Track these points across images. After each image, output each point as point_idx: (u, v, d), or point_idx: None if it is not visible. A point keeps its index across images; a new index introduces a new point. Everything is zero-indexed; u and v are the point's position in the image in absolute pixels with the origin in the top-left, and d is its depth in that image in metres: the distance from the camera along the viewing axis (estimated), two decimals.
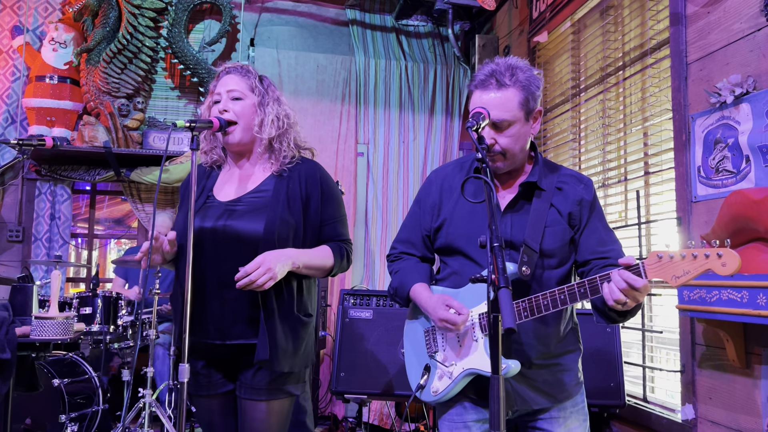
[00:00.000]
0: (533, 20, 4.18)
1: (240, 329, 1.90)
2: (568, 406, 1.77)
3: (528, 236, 1.69)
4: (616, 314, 1.63)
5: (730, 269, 1.35)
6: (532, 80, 1.71)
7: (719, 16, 2.55)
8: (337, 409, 4.57)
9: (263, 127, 1.97)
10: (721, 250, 1.36)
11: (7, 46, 4.66)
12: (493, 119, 1.65)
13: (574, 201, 1.75)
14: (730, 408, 2.40)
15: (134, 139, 4.65)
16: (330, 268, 1.98)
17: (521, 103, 1.69)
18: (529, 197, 1.76)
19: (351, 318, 3.28)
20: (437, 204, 1.87)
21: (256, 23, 4.98)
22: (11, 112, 4.59)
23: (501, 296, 1.20)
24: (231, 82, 1.98)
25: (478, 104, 1.67)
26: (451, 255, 1.84)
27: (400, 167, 4.96)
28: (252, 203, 1.95)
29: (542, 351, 1.72)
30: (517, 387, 1.71)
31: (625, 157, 3.28)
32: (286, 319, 1.91)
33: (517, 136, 1.70)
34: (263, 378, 1.90)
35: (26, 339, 2.82)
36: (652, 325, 3.01)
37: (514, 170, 1.80)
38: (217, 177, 2.06)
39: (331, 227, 2.02)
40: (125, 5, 4.58)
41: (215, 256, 1.90)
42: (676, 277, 1.43)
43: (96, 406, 3.65)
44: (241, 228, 1.88)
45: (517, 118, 1.69)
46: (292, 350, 1.91)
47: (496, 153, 1.70)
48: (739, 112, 2.41)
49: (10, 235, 4.56)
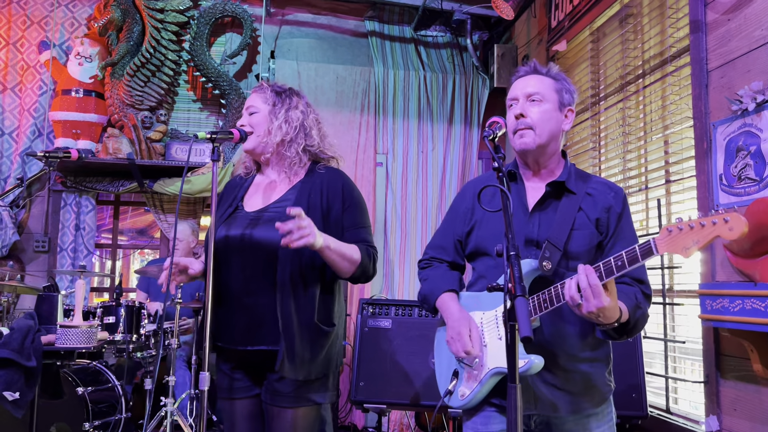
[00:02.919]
0: (552, 29, 4.18)
1: (262, 335, 1.94)
2: (593, 426, 1.75)
3: (552, 235, 1.71)
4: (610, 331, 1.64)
5: (737, 232, 1.34)
6: (566, 78, 1.86)
7: (740, 23, 2.53)
8: (357, 419, 4.57)
9: (271, 133, 2.07)
10: (728, 216, 1.35)
11: (35, 60, 4.77)
12: (526, 92, 1.79)
13: (603, 208, 1.76)
14: (755, 419, 2.36)
15: (157, 151, 4.73)
16: (358, 262, 1.96)
17: (556, 90, 1.81)
18: (557, 198, 1.79)
19: (370, 327, 3.28)
20: (470, 209, 1.91)
21: (277, 36, 5.05)
22: (38, 125, 4.69)
23: (518, 305, 1.20)
24: (249, 100, 2.14)
25: (516, 89, 1.82)
26: (479, 258, 1.86)
27: (419, 177, 4.97)
28: (275, 213, 2.00)
29: (568, 354, 1.71)
30: (541, 388, 1.70)
31: (646, 166, 3.25)
32: (305, 327, 1.93)
33: (548, 116, 1.79)
34: (287, 385, 1.93)
35: (51, 347, 2.88)
36: (675, 335, 2.97)
37: (545, 171, 1.84)
38: (248, 188, 2.15)
39: (353, 232, 2.02)
40: (149, 20, 4.68)
41: (240, 264, 1.97)
42: (685, 248, 1.41)
43: (119, 414, 3.70)
44: (261, 236, 1.94)
45: (550, 99, 1.80)
46: (309, 358, 1.93)
47: (525, 127, 1.77)
48: (761, 120, 2.38)
49: (36, 246, 4.65)
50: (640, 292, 1.71)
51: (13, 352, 2.53)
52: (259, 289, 1.94)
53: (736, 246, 2.35)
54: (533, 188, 1.84)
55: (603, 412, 1.78)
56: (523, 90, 1.81)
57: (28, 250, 4.66)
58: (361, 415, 4.52)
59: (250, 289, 1.95)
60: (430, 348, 3.25)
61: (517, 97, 1.81)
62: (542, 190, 1.80)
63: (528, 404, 1.71)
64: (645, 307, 1.70)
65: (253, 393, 2.02)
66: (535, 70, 1.85)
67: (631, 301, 1.64)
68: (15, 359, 2.52)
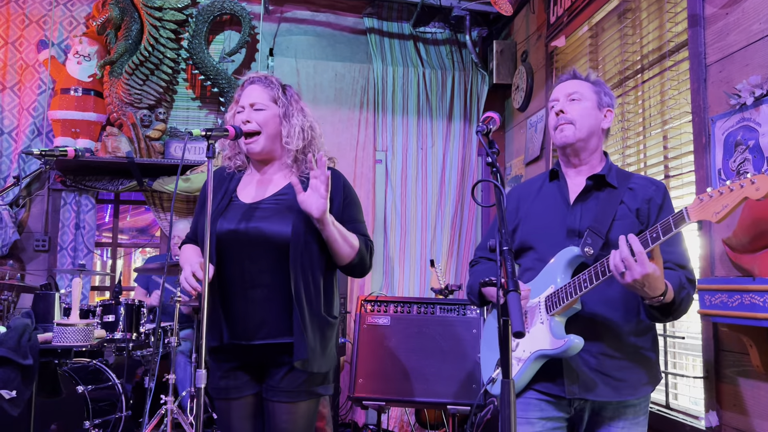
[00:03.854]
0: (551, 25, 4.16)
1: (267, 329, 1.92)
2: (630, 417, 1.81)
3: (594, 224, 1.79)
4: (655, 311, 1.70)
5: (764, 191, 1.40)
6: (604, 83, 1.99)
7: (738, 17, 2.51)
8: (357, 416, 4.57)
9: (291, 138, 2.02)
10: (755, 177, 1.41)
11: (33, 59, 4.77)
12: (566, 92, 1.91)
13: (644, 199, 1.84)
14: (755, 415, 2.35)
15: (156, 149, 4.73)
16: (357, 248, 1.97)
17: (594, 92, 1.94)
18: (599, 191, 1.88)
19: (369, 324, 3.28)
20: (515, 209, 2.01)
21: (275, 33, 5.04)
22: (37, 124, 4.69)
23: (510, 300, 1.19)
24: (254, 94, 2.03)
25: (556, 92, 1.94)
26: (525, 253, 1.94)
27: (419, 174, 4.96)
28: (275, 205, 1.98)
29: (612, 338, 1.77)
30: (584, 369, 1.76)
31: (645, 161, 3.24)
32: (315, 318, 1.92)
33: (587, 113, 1.90)
34: (292, 380, 1.91)
35: (48, 345, 2.88)
36: (675, 331, 2.96)
37: (585, 167, 1.94)
38: (239, 180, 2.11)
39: (352, 227, 2.02)
40: (147, 18, 4.67)
41: (239, 256, 1.93)
42: (716, 213, 1.47)
43: (119, 412, 3.70)
44: (268, 229, 1.90)
45: (589, 98, 1.92)
46: (320, 350, 1.93)
47: (565, 122, 1.88)
48: (759, 114, 2.37)
49: (36, 245, 4.65)
50: (684, 276, 1.77)
51: (10, 350, 2.53)
52: (263, 282, 1.91)
53: (735, 241, 2.34)
54: (575, 184, 1.92)
55: (641, 405, 1.84)
56: (563, 91, 1.93)
57: (28, 249, 4.66)
58: (362, 413, 4.52)
59: (253, 282, 1.91)
60: (428, 345, 3.25)
61: (557, 97, 1.94)
62: (584, 184, 1.88)
63: (571, 386, 1.77)
64: (690, 289, 1.76)
65: (252, 392, 1.99)
66: (574, 76, 1.97)
67: (676, 281, 1.71)
68: (11, 357, 2.52)
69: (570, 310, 1.78)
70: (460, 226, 4.93)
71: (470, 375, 3.17)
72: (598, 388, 1.76)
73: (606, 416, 1.82)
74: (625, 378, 1.78)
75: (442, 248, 4.87)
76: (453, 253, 4.88)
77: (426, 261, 4.79)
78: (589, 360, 1.76)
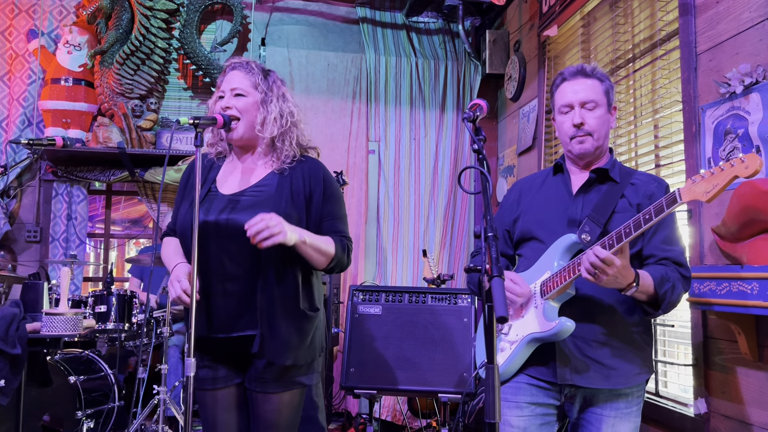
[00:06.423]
0: (543, 14, 4.15)
1: (245, 321, 1.92)
2: (621, 406, 1.82)
3: (593, 213, 1.82)
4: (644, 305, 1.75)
5: (752, 168, 1.42)
6: (606, 76, 1.97)
7: (728, 5, 2.51)
8: (350, 405, 4.58)
9: (265, 126, 1.99)
10: (745, 157, 1.44)
11: (23, 49, 4.73)
12: (580, 99, 1.89)
13: (645, 195, 1.86)
14: (743, 402, 2.37)
15: (148, 140, 4.71)
16: (332, 256, 1.96)
17: (605, 92, 1.92)
18: (601, 184, 1.91)
19: (360, 314, 3.28)
20: (516, 200, 2.05)
21: (267, 23, 5.01)
22: (27, 114, 4.66)
23: (494, 285, 1.20)
24: (234, 79, 2.01)
25: (568, 92, 1.91)
26: (525, 243, 1.98)
27: (412, 164, 4.96)
28: (254, 197, 1.97)
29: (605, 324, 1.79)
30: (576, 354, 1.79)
31: (636, 150, 3.25)
32: (290, 313, 1.92)
33: (602, 120, 1.91)
34: (273, 370, 1.92)
35: (37, 335, 2.87)
36: (665, 319, 2.98)
37: (593, 160, 1.95)
38: (219, 169, 2.08)
39: (330, 223, 2.02)
40: (138, 7, 4.63)
41: (218, 249, 1.92)
42: (707, 192, 1.51)
43: (112, 402, 3.70)
44: (244, 221, 1.88)
45: (602, 102, 1.91)
46: (296, 343, 1.93)
47: (585, 133, 1.88)
48: (749, 102, 2.37)
49: (28, 236, 4.63)
50: (676, 271, 1.79)
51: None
52: (241, 275, 1.91)
53: (724, 229, 2.35)
54: (578, 177, 1.95)
55: (634, 394, 1.85)
56: (576, 97, 1.90)
57: (19, 240, 4.64)
58: (355, 402, 4.53)
59: (231, 274, 1.91)
60: (419, 334, 3.26)
61: (571, 104, 1.91)
62: (587, 177, 1.92)
63: (562, 371, 1.79)
64: (677, 284, 1.77)
65: (235, 382, 2.00)
66: (583, 73, 1.93)
67: (657, 274, 1.73)
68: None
69: (564, 294, 1.80)
70: (452, 216, 4.94)
71: (461, 363, 3.18)
72: (589, 374, 1.78)
73: (597, 405, 1.83)
74: (617, 366, 1.79)
75: (434, 238, 4.88)
76: (446, 243, 4.89)
77: (419, 251, 4.80)
78: (582, 346, 1.78)
